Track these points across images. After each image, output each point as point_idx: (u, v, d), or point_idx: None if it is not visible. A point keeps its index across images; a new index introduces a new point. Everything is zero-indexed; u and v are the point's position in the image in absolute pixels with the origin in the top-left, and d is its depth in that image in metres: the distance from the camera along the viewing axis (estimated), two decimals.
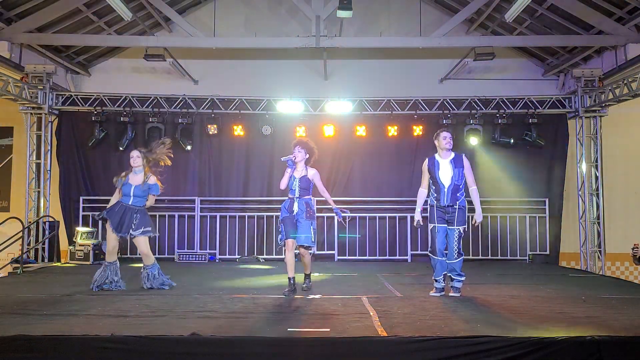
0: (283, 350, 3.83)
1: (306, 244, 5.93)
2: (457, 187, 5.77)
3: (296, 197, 5.98)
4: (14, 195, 10.86)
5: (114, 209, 6.21)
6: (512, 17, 8.19)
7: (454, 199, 5.75)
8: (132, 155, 6.28)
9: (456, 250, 5.82)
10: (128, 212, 6.16)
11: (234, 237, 10.33)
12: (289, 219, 5.98)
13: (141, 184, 6.19)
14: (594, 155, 10.14)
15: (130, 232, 6.16)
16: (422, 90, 10.50)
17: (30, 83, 9.59)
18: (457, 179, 5.77)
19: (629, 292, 6.46)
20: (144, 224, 6.21)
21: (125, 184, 6.18)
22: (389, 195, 10.41)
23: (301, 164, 6.04)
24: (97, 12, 9.36)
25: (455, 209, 5.76)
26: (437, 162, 5.86)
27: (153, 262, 6.36)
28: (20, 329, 4.10)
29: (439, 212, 5.80)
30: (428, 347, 3.80)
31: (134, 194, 6.18)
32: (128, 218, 6.14)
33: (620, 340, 3.90)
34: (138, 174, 6.24)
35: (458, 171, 5.78)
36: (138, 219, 6.17)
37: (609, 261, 10.30)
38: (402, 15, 10.74)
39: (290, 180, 5.99)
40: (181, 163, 10.40)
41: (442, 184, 5.77)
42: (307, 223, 5.92)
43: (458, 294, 5.86)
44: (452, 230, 5.81)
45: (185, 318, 4.69)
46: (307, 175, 6.03)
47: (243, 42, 9.93)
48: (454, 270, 5.87)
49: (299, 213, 5.93)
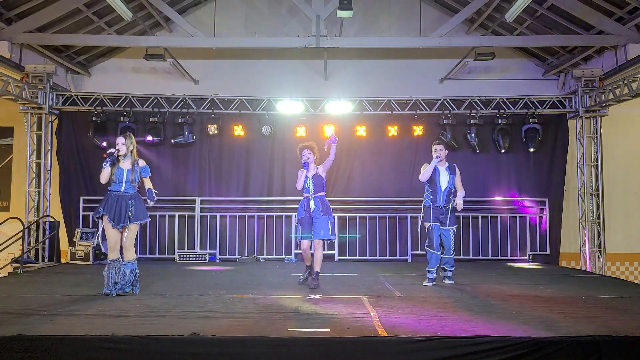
0: (283, 350, 3.83)
1: (326, 238, 6.56)
2: (450, 191, 6.75)
3: (312, 194, 6.59)
4: (14, 195, 10.86)
5: (108, 202, 5.98)
6: (512, 17, 8.18)
7: (447, 200, 6.73)
8: (118, 142, 6.06)
9: (452, 247, 6.80)
10: (123, 201, 5.96)
11: (234, 237, 10.33)
12: (306, 220, 6.59)
13: (131, 168, 6.05)
14: (594, 155, 10.14)
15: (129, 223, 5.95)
16: (422, 90, 10.50)
17: (30, 83, 9.58)
18: (451, 184, 6.75)
19: (629, 292, 6.47)
20: (140, 214, 6.02)
21: (117, 169, 6.02)
22: (389, 195, 10.41)
23: (312, 164, 6.71)
24: (97, 12, 9.35)
25: (448, 210, 6.73)
26: (438, 169, 6.74)
27: (133, 259, 6.06)
28: (20, 329, 4.11)
29: (434, 212, 6.72)
30: (428, 347, 3.80)
31: (126, 180, 6.00)
32: (124, 207, 5.94)
33: (620, 340, 3.90)
34: (127, 159, 6.08)
35: (452, 177, 6.76)
36: (134, 207, 5.97)
37: (609, 261, 10.30)
38: (402, 15, 10.74)
39: (305, 180, 6.65)
40: (181, 163, 10.42)
41: (440, 187, 6.71)
42: (325, 218, 6.54)
43: (452, 282, 6.86)
44: (447, 230, 6.75)
45: (185, 318, 4.69)
46: (318, 172, 6.69)
47: (243, 42, 9.92)
48: (448, 263, 6.85)
49: (315, 210, 6.53)
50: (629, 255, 10.65)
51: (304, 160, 6.64)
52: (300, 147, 6.85)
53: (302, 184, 6.65)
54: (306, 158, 6.67)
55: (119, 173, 5.99)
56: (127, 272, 5.97)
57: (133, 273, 6.02)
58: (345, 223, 10.25)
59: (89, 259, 9.31)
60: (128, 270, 5.98)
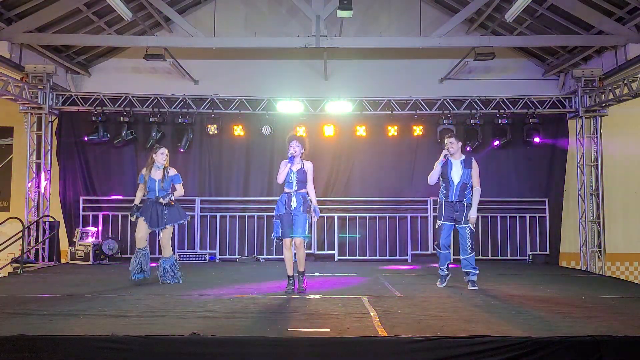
0: (283, 350, 3.83)
1: (303, 236, 6.03)
2: (465, 186, 6.38)
3: (294, 190, 6.08)
4: (14, 195, 10.86)
5: (147, 207, 6.72)
6: (512, 17, 8.18)
7: (461, 195, 6.36)
8: (163, 152, 6.83)
9: (469, 245, 6.38)
10: (158, 207, 6.69)
11: (234, 237, 10.32)
12: (285, 216, 6.06)
13: (162, 178, 6.75)
14: (594, 155, 10.14)
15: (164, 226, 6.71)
16: (422, 90, 10.50)
17: (30, 83, 9.58)
18: (466, 178, 6.38)
19: (629, 292, 6.47)
20: (174, 217, 6.76)
21: (149, 179, 6.73)
22: (389, 195, 10.41)
23: (298, 157, 6.17)
24: (97, 12, 9.35)
25: (463, 205, 6.35)
26: (450, 162, 6.44)
27: (170, 255, 6.81)
28: (20, 329, 4.11)
29: (447, 209, 6.40)
30: (428, 347, 3.80)
31: (159, 188, 6.71)
32: (160, 213, 6.67)
33: (620, 340, 3.90)
34: (159, 169, 6.79)
35: (467, 171, 6.39)
36: (167, 212, 6.69)
37: (609, 261, 10.30)
38: (402, 15, 10.73)
39: (288, 174, 6.10)
40: (181, 163, 10.42)
41: (452, 181, 6.37)
42: (304, 216, 6.06)
43: (475, 287, 6.37)
44: (463, 228, 6.39)
45: (185, 318, 4.69)
46: (303, 167, 6.17)
47: (243, 42, 9.92)
48: (469, 264, 6.42)
49: (296, 207, 6.04)
50: (628, 255, 10.65)
51: (291, 154, 6.10)
52: (289, 137, 6.31)
53: (284, 177, 6.09)
54: (293, 151, 6.12)
55: (150, 183, 6.72)
56: (167, 268, 6.78)
57: (173, 267, 6.82)
58: (345, 223, 10.26)
59: (89, 259, 9.31)
60: (167, 265, 6.79)
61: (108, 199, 10.26)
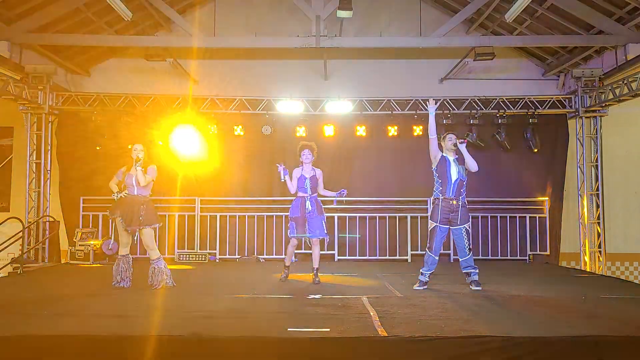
0: (283, 351, 3.83)
1: (322, 237, 6.87)
2: (462, 183, 6.36)
3: (308, 194, 6.79)
4: (14, 195, 10.85)
5: (123, 202, 6.39)
6: (512, 17, 8.18)
7: (458, 193, 6.32)
8: (136, 148, 6.45)
9: (467, 247, 6.33)
10: (135, 205, 6.33)
11: (234, 237, 10.32)
12: (300, 219, 6.77)
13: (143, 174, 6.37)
14: (593, 155, 10.14)
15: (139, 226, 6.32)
16: (422, 90, 10.49)
17: (30, 83, 9.58)
18: (462, 175, 6.37)
19: (629, 292, 6.47)
20: (150, 218, 6.36)
21: (128, 175, 6.43)
22: (389, 195, 10.40)
23: (309, 165, 6.88)
24: (97, 12, 9.34)
25: (459, 205, 6.30)
26: (448, 160, 6.43)
27: (158, 257, 6.46)
28: (20, 329, 4.11)
29: (443, 209, 6.29)
30: (428, 347, 3.80)
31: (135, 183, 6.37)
32: (136, 211, 6.30)
33: (620, 340, 3.90)
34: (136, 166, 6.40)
35: (461, 167, 6.39)
36: (144, 212, 6.31)
37: (609, 261, 10.30)
38: (402, 15, 10.72)
39: (302, 181, 6.81)
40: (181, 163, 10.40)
41: (450, 178, 6.34)
42: (320, 218, 6.81)
43: (479, 287, 6.32)
44: (458, 229, 6.32)
45: (185, 318, 4.69)
46: (315, 174, 6.89)
47: (243, 42, 9.91)
48: (469, 265, 6.39)
49: (312, 211, 6.74)
50: (628, 255, 10.65)
51: (305, 162, 6.85)
52: (301, 145, 6.97)
53: (296, 187, 6.82)
54: (305, 158, 6.83)
55: (129, 178, 6.39)
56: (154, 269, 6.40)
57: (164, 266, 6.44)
58: (345, 223, 10.25)
59: (89, 259, 9.31)
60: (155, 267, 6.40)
61: (108, 199, 10.22)
